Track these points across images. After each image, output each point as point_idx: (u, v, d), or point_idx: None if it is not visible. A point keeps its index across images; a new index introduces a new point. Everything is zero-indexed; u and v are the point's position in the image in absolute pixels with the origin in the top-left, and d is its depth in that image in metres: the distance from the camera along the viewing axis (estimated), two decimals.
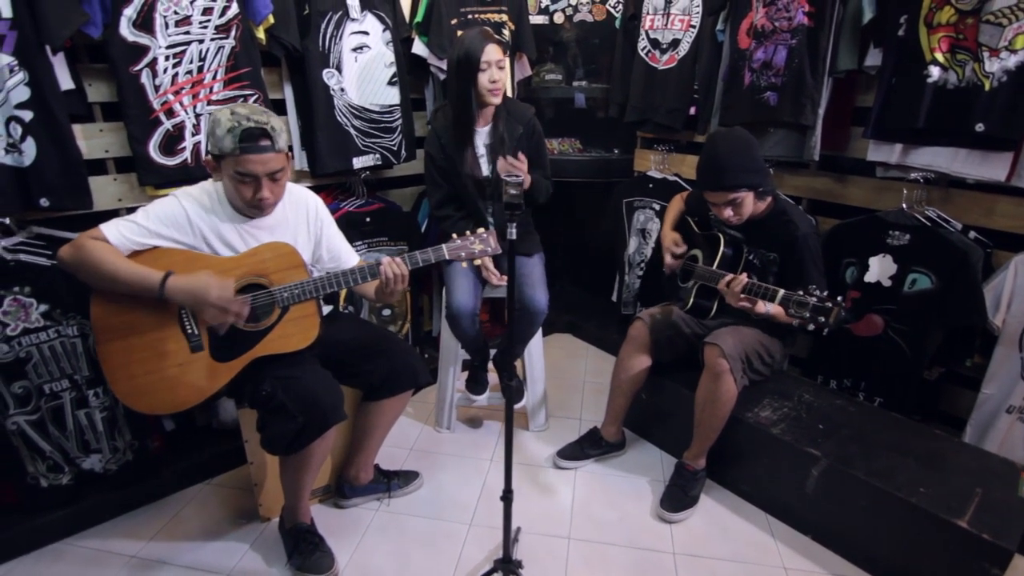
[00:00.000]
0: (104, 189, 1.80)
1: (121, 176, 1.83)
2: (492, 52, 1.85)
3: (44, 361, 1.65)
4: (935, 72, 1.71)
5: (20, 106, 1.53)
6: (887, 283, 1.92)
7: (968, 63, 1.66)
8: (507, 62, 1.91)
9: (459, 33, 2.27)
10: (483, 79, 1.86)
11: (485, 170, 2.01)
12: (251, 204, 1.43)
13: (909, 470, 1.62)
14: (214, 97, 1.83)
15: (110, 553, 1.68)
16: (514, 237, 1.24)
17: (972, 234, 1.80)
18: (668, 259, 2.05)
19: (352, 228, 2.25)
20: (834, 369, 2.12)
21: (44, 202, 1.60)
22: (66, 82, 1.63)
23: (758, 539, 1.77)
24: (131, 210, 1.77)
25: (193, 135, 1.83)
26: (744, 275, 1.65)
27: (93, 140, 1.76)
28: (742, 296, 1.65)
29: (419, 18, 2.27)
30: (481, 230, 1.56)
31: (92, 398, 1.73)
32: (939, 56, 1.70)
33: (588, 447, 2.10)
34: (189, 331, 1.45)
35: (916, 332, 1.86)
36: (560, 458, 2.08)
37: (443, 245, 1.54)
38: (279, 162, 1.41)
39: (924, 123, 1.74)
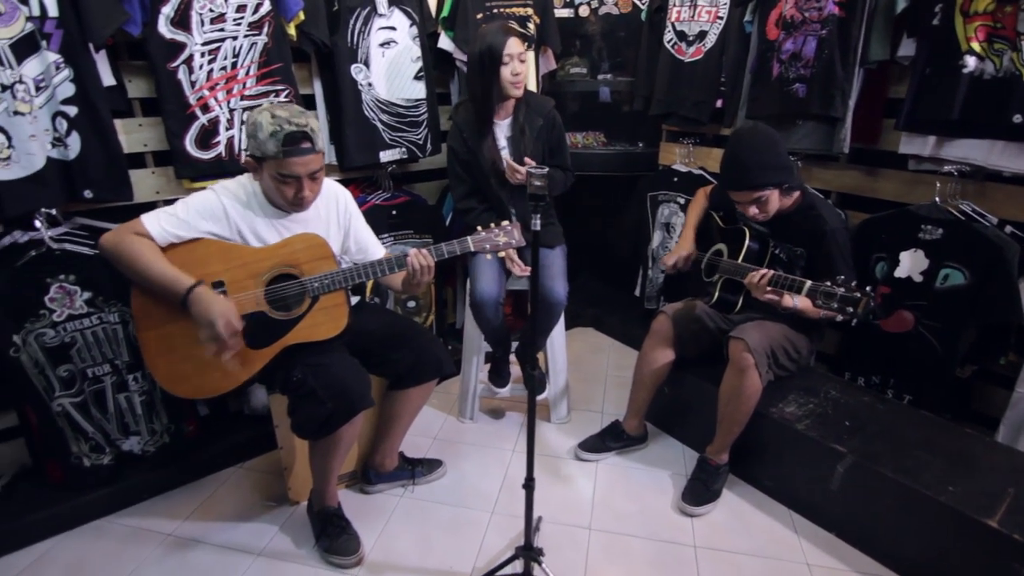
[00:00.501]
0: (143, 182, 1.87)
1: (159, 169, 1.90)
2: (514, 45, 1.86)
3: (87, 346, 1.73)
4: (971, 62, 1.66)
5: (66, 102, 1.60)
6: (918, 278, 1.88)
7: (1006, 52, 1.61)
8: (529, 55, 1.92)
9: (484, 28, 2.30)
10: (505, 72, 1.87)
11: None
12: (292, 203, 1.49)
13: (938, 468, 1.59)
14: (247, 92, 1.89)
15: (148, 531, 1.75)
16: (538, 228, 1.25)
17: (1008, 229, 1.76)
18: (669, 263, 2.03)
19: (379, 220, 2.29)
20: (862, 366, 2.08)
21: (88, 194, 1.67)
22: (108, 78, 1.70)
23: (781, 535, 1.76)
24: (168, 202, 1.84)
25: (227, 129, 1.88)
26: (770, 270, 1.64)
27: (132, 134, 1.83)
28: (768, 289, 1.63)
29: (445, 13, 2.29)
30: (505, 223, 1.59)
31: (131, 382, 1.81)
32: (975, 46, 1.66)
33: (610, 440, 2.10)
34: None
35: (948, 329, 1.82)
36: (582, 450, 2.09)
37: (468, 237, 1.57)
38: (318, 162, 1.46)
39: (959, 115, 1.70)
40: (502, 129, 2.02)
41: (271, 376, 1.59)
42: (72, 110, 1.61)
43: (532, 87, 2.31)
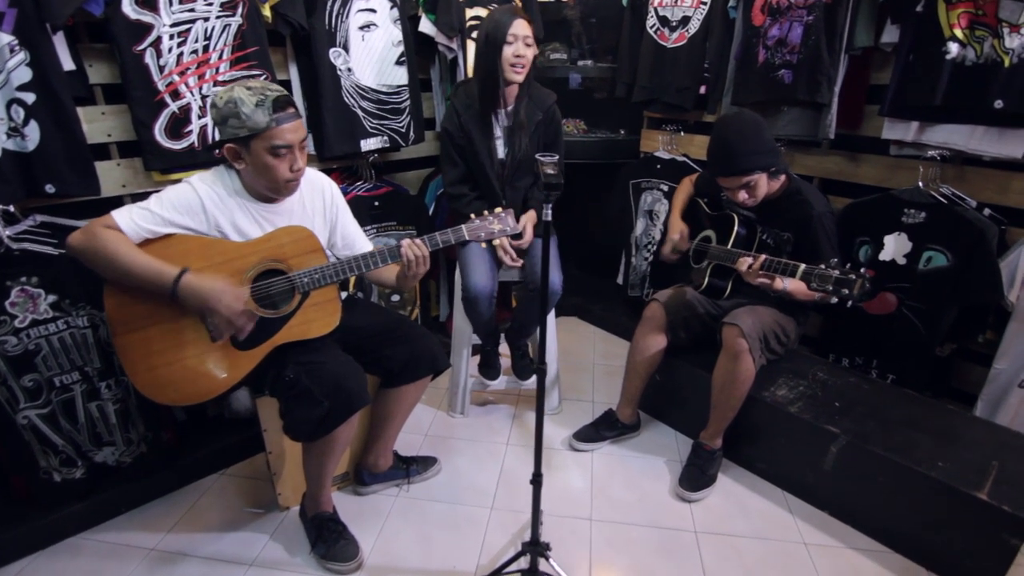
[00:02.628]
0: (108, 175, 1.74)
1: (125, 161, 1.78)
2: (520, 27, 1.82)
3: (54, 353, 1.60)
4: (953, 48, 1.70)
5: (22, 88, 1.46)
6: (902, 261, 1.93)
7: (987, 39, 1.65)
8: (535, 42, 1.87)
9: (467, 12, 2.23)
10: (507, 52, 1.82)
11: (500, 152, 1.98)
12: (287, 179, 1.40)
13: (925, 445, 1.64)
14: (220, 77, 1.78)
15: (129, 546, 1.65)
16: (549, 218, 1.22)
17: (987, 211, 1.81)
18: (667, 249, 2.05)
19: (361, 212, 2.20)
20: (846, 347, 2.14)
21: (50, 188, 1.54)
22: (67, 63, 1.57)
23: (777, 516, 1.79)
24: (136, 196, 1.73)
25: (200, 117, 1.77)
26: (763, 256, 1.64)
27: (95, 123, 1.70)
28: (760, 272, 1.64)
29: None
30: (499, 209, 1.54)
31: (104, 390, 1.69)
32: (958, 32, 1.69)
33: (604, 429, 2.10)
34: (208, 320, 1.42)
35: (931, 309, 1.88)
36: (577, 440, 2.08)
37: (462, 226, 1.52)
38: (304, 129, 1.41)
39: (941, 100, 1.74)
40: (501, 119, 1.96)
41: (260, 378, 1.51)
42: (29, 97, 1.47)
43: None
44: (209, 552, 1.64)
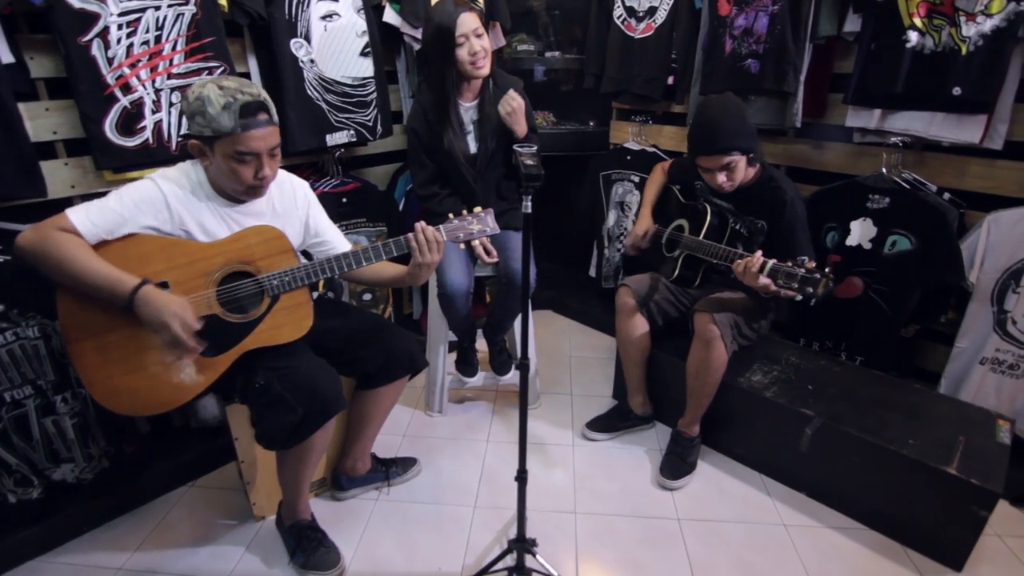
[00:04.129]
0: (55, 175, 1.63)
1: (73, 160, 1.66)
2: (466, 22, 1.73)
3: (3, 367, 1.50)
4: (913, 37, 1.74)
5: None
6: (867, 246, 1.98)
7: (945, 28, 1.70)
8: (484, 27, 1.80)
9: (433, 1, 2.17)
10: (462, 53, 1.75)
11: (473, 147, 1.94)
12: (251, 186, 1.33)
13: (896, 424, 1.69)
14: (175, 70, 1.68)
15: (94, 567, 1.56)
16: (529, 211, 1.19)
17: (947, 195, 1.87)
18: (629, 242, 2.06)
19: (329, 209, 2.09)
20: (815, 331, 2.19)
21: None
22: (6, 56, 1.45)
23: (756, 499, 1.82)
24: (87, 197, 1.62)
25: (154, 112, 1.67)
26: (759, 253, 1.59)
27: (39, 120, 1.58)
28: (761, 275, 1.57)
29: None
30: (478, 209, 1.51)
31: (60, 404, 1.59)
32: (917, 21, 1.73)
33: (617, 419, 2.12)
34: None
35: (896, 292, 1.93)
36: (589, 430, 2.10)
37: (440, 226, 1.48)
38: (276, 136, 1.33)
39: (902, 88, 1.79)
40: (469, 113, 1.91)
41: (229, 385, 1.44)
42: None
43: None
44: (182, 568, 1.57)
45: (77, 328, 1.29)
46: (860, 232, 1.98)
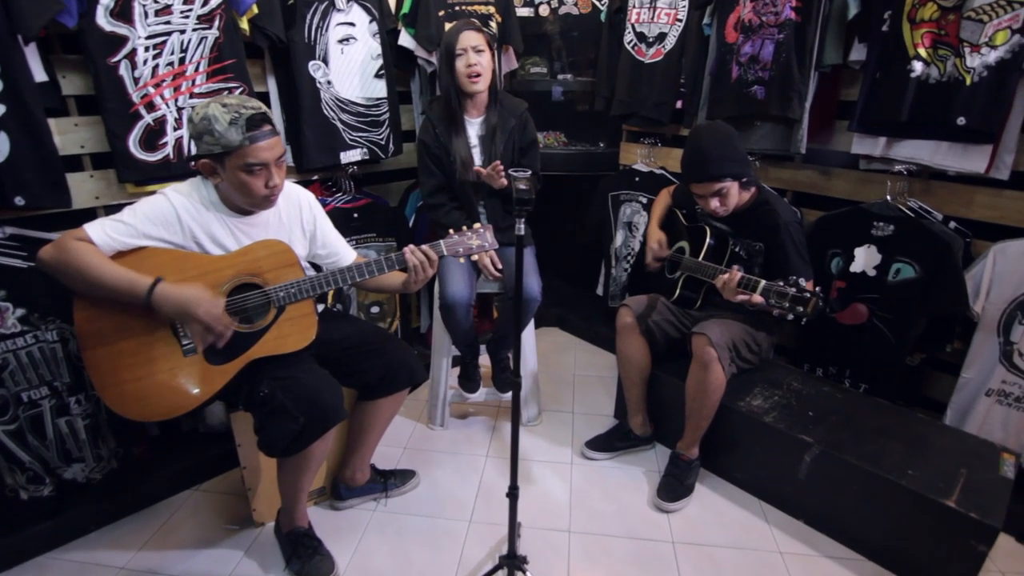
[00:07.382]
0: (80, 187, 1.72)
1: (98, 173, 1.75)
2: (467, 38, 1.85)
3: (21, 368, 1.57)
4: (918, 67, 1.75)
5: None
6: (872, 273, 1.97)
7: (950, 58, 1.71)
8: (487, 47, 1.89)
9: (446, 26, 2.24)
10: (459, 64, 1.86)
11: (478, 161, 2.00)
12: (263, 196, 1.40)
13: (896, 453, 1.67)
14: (197, 90, 1.77)
15: (98, 565, 1.62)
16: (522, 233, 1.23)
17: (952, 224, 1.86)
18: (649, 258, 2.08)
19: (340, 224, 2.15)
20: (820, 357, 2.17)
21: (19, 200, 1.51)
22: (39, 74, 1.55)
23: (753, 525, 1.80)
24: (110, 209, 1.71)
25: (175, 129, 1.76)
26: (735, 269, 1.66)
27: (68, 135, 1.68)
28: (738, 289, 1.66)
29: (405, 9, 2.23)
30: (477, 225, 1.55)
31: (73, 405, 1.66)
32: (922, 51, 1.74)
33: (617, 439, 2.13)
34: (181, 334, 1.40)
35: (900, 320, 1.92)
36: (588, 449, 2.11)
37: (440, 241, 1.53)
38: (281, 146, 1.40)
39: (907, 117, 1.79)
40: (474, 128, 1.98)
41: (234, 393, 1.49)
42: None
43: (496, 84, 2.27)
44: (181, 570, 1.61)
45: (91, 336, 1.36)
46: (864, 259, 1.98)
